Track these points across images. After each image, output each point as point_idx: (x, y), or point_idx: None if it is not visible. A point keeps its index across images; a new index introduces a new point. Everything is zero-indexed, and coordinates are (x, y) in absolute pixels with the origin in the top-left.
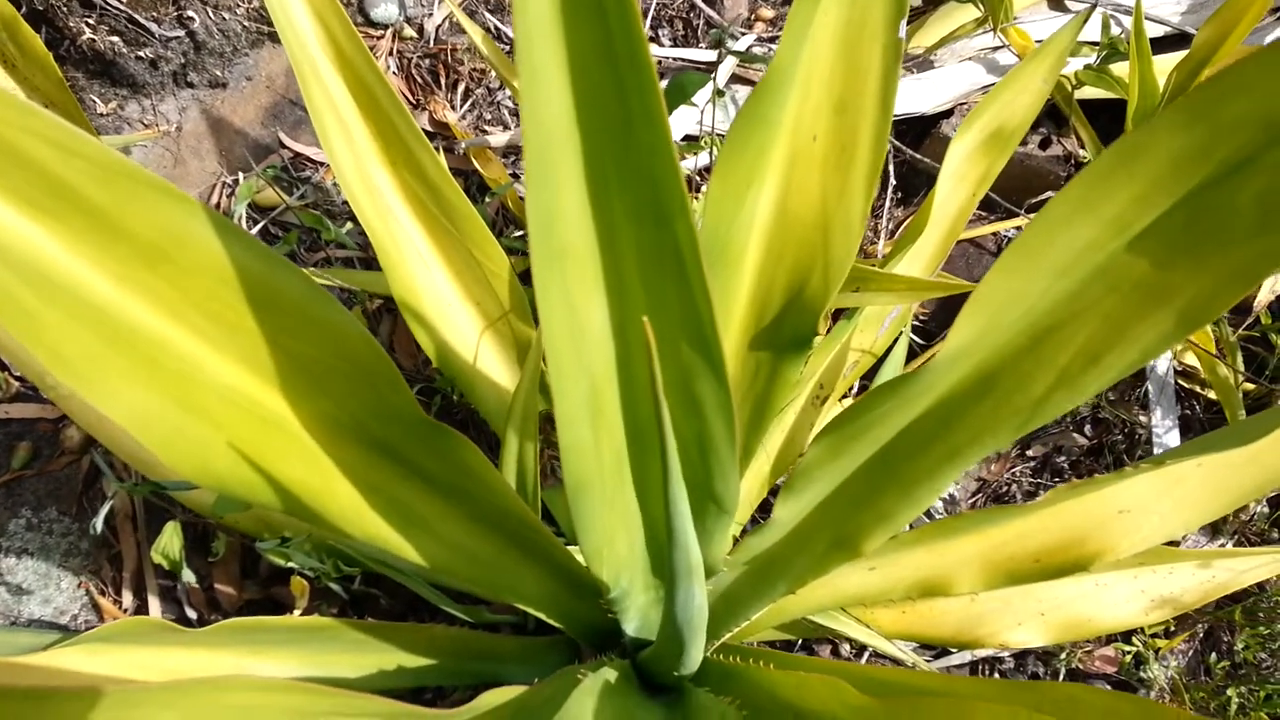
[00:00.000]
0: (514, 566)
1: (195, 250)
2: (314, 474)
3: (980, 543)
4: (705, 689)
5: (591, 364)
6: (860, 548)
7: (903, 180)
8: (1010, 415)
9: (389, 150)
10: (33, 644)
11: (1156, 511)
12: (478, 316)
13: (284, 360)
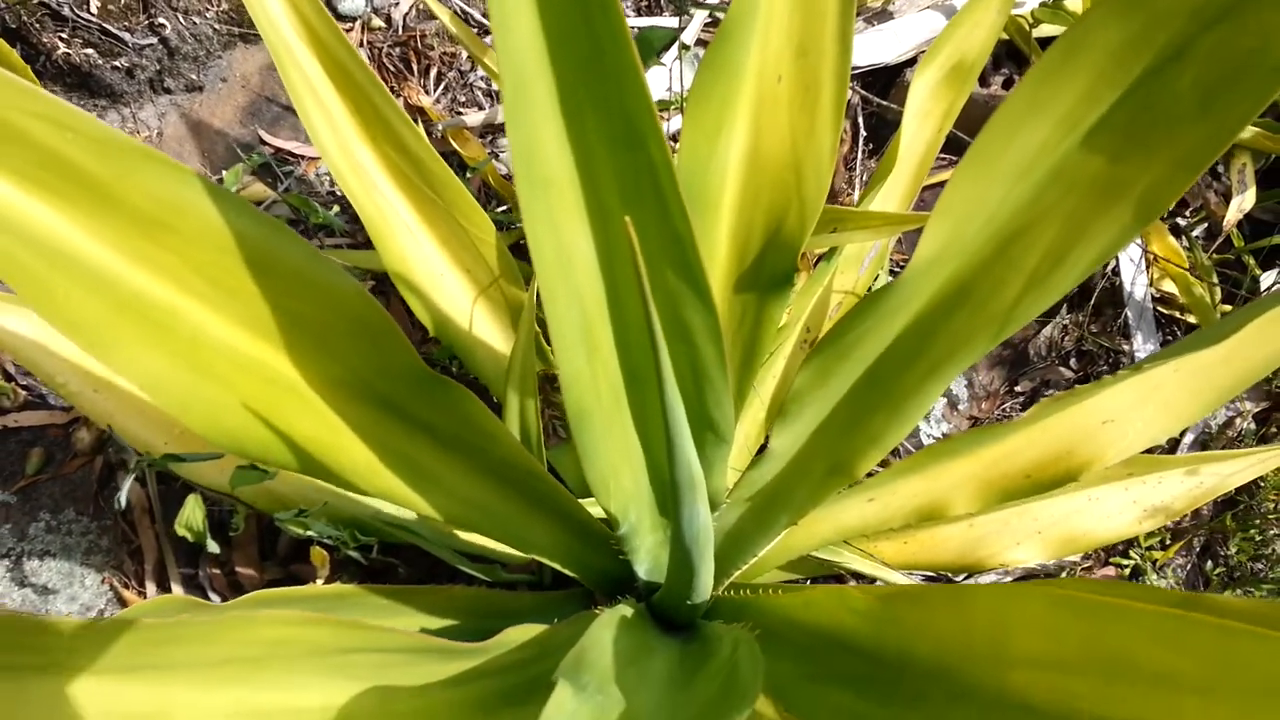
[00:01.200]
0: (524, 518)
1: (194, 219)
2: (324, 431)
3: (972, 464)
4: (717, 622)
5: (582, 295)
6: (855, 471)
7: (873, 132)
8: (986, 323)
9: (369, 127)
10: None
11: (1139, 418)
12: (469, 284)
13: (287, 322)
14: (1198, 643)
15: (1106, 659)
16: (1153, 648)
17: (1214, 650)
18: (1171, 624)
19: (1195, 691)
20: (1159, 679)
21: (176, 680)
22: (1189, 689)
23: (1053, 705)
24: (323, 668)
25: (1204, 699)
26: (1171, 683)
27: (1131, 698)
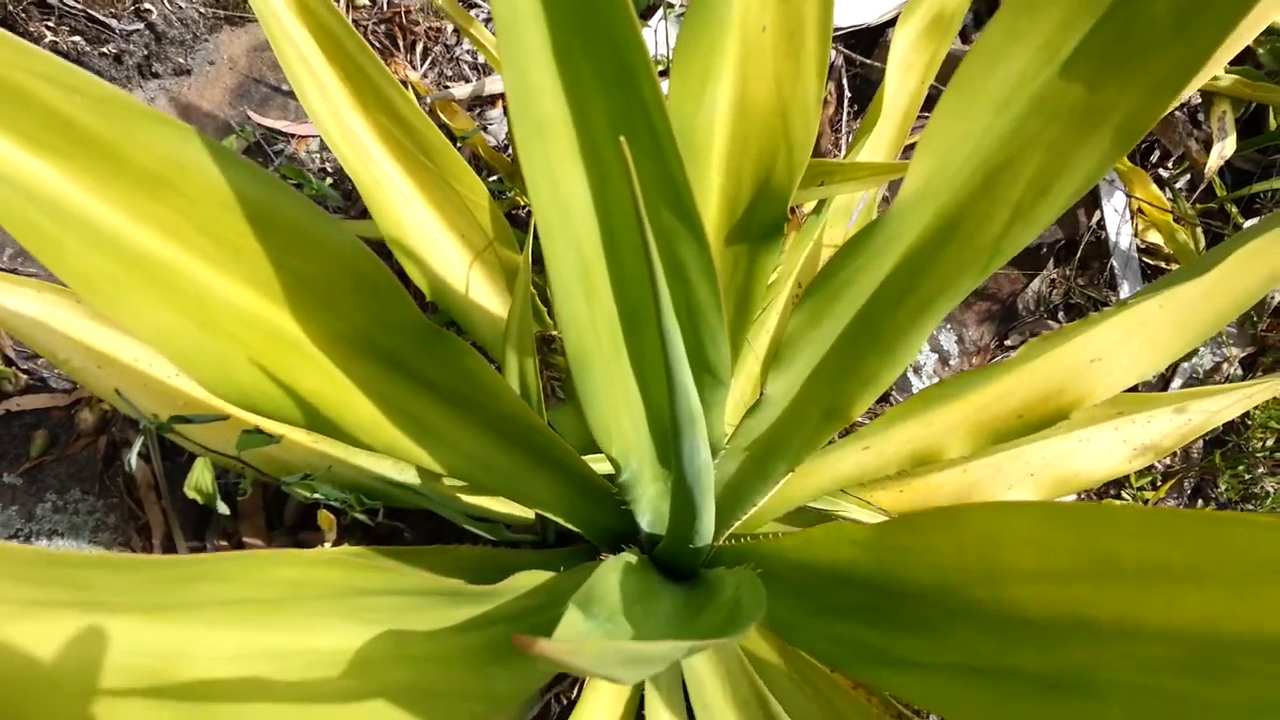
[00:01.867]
0: (527, 473)
1: (196, 177)
2: (329, 386)
3: (964, 408)
4: (719, 568)
5: (579, 238)
6: (850, 414)
7: (857, 93)
8: (974, 257)
9: (360, 95)
10: None
11: (1126, 354)
12: (464, 248)
13: (289, 279)
14: (1185, 534)
15: (1097, 562)
16: (1141, 544)
17: (1201, 539)
18: (1158, 520)
19: (1186, 581)
20: (1150, 573)
21: (194, 620)
22: (1180, 579)
23: (1049, 614)
24: (339, 610)
25: (1196, 587)
26: (1163, 575)
27: (1124, 595)
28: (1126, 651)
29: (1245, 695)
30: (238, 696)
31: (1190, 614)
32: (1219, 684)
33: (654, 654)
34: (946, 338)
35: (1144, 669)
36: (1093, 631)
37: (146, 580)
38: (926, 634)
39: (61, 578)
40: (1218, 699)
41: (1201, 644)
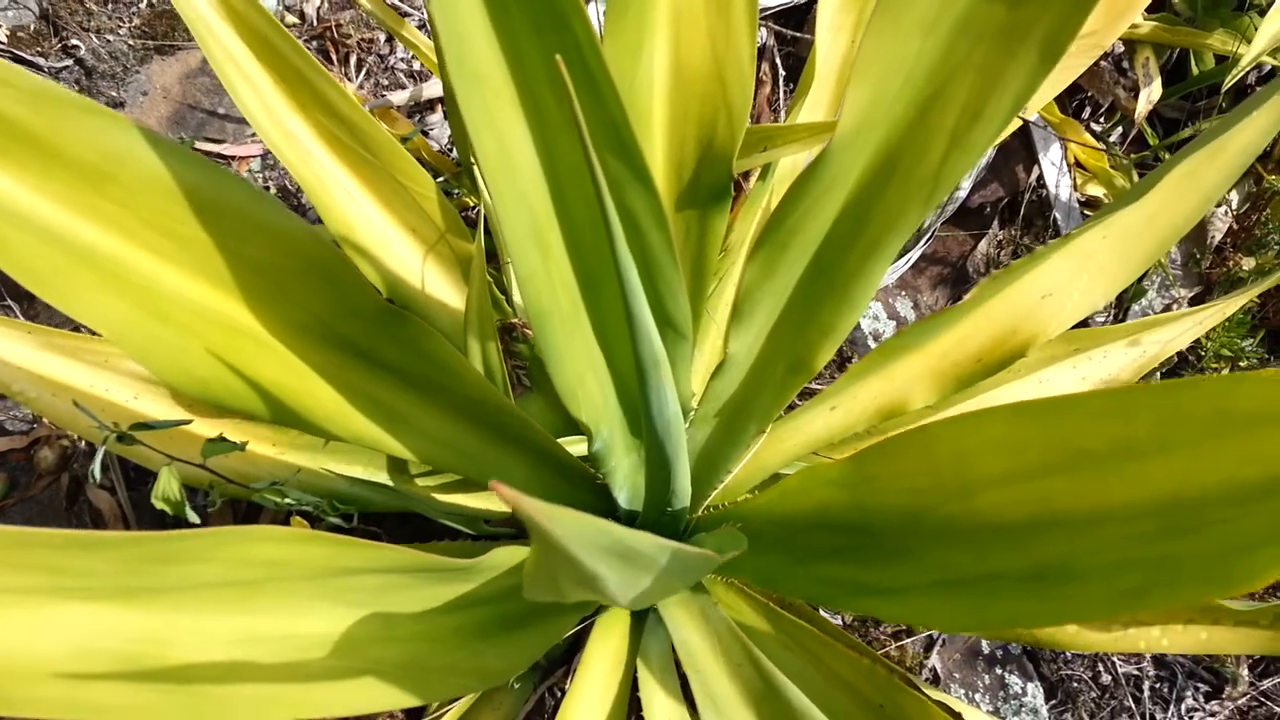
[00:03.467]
0: (499, 455)
1: (136, 168)
2: (290, 376)
3: (925, 357)
4: (700, 534)
5: (528, 195)
6: (814, 365)
7: (791, 72)
8: (916, 190)
9: (297, 95)
10: None
11: (1075, 288)
12: (416, 243)
13: (240, 268)
14: (1145, 407)
15: (1066, 453)
16: (1106, 426)
17: (1160, 409)
18: (1118, 398)
19: (1152, 453)
20: (1117, 453)
21: (174, 605)
22: (1146, 452)
23: (1023, 516)
24: (322, 592)
25: (1161, 457)
26: (1129, 453)
27: (1095, 480)
28: (1101, 535)
29: (1215, 543)
30: (225, 679)
31: (1159, 485)
32: (1190, 539)
33: (638, 545)
34: (902, 304)
35: (1119, 546)
36: (1067, 524)
37: (121, 561)
38: (905, 561)
39: (34, 561)
40: (1190, 551)
41: (1171, 510)
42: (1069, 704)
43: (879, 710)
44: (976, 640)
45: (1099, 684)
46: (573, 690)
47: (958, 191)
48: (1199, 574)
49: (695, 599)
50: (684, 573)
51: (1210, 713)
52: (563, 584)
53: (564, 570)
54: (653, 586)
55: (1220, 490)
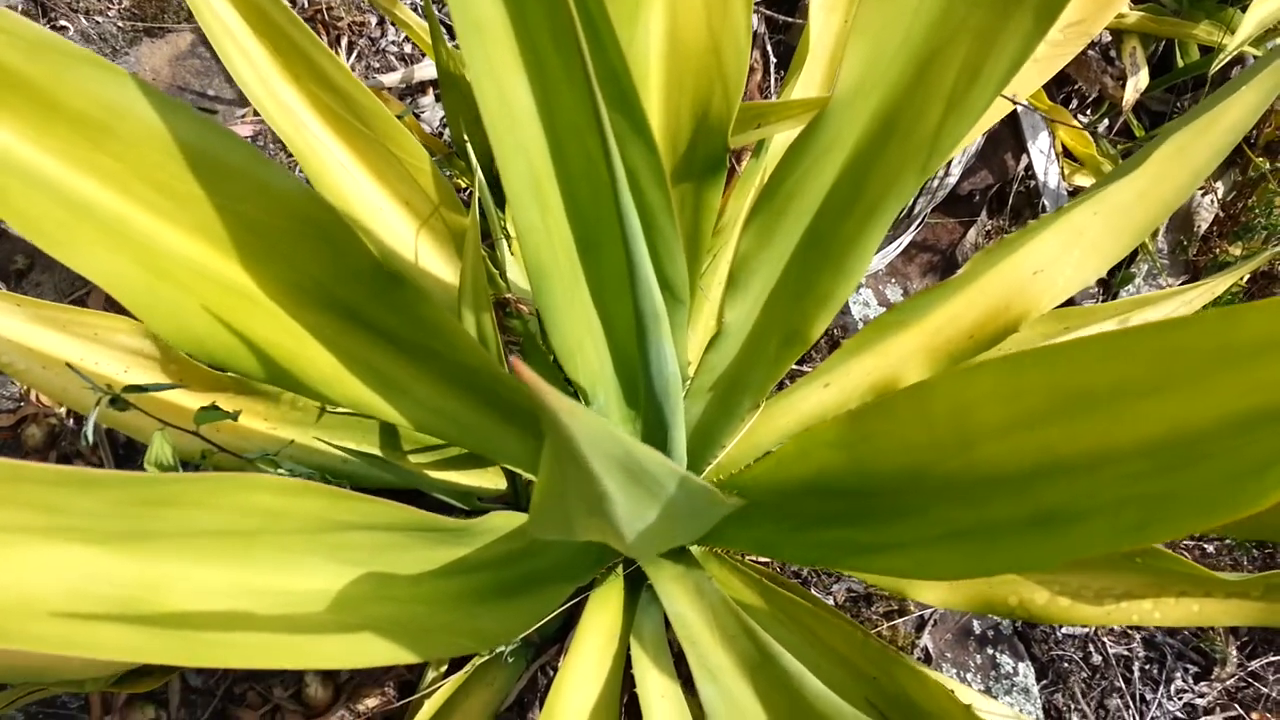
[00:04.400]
0: (494, 427)
1: (134, 122)
2: (287, 337)
3: (918, 334)
4: None
5: (527, 146)
6: (809, 335)
7: (782, 59)
8: (913, 153)
9: (291, 66)
10: None
11: (1067, 264)
12: (410, 216)
13: (238, 227)
14: (1145, 348)
15: (1065, 399)
16: (1105, 369)
17: (1161, 348)
18: (1117, 340)
19: (1150, 393)
20: (1117, 395)
21: (169, 553)
22: (1144, 392)
23: (1023, 465)
24: (317, 547)
25: (1160, 395)
26: (1129, 393)
27: (1095, 423)
28: (1101, 477)
29: (1215, 473)
30: (223, 626)
31: (1158, 423)
32: (1189, 472)
33: (647, 461)
34: (892, 290)
35: (1119, 485)
36: (1067, 469)
37: (117, 502)
38: (905, 519)
39: (29, 497)
40: (1189, 484)
41: (1170, 447)
42: (1059, 684)
43: (873, 682)
44: (968, 620)
45: (1089, 664)
46: (566, 665)
47: (948, 177)
48: (1200, 505)
49: (689, 574)
50: (689, 513)
51: (1199, 693)
52: (571, 509)
53: (574, 487)
54: (658, 524)
55: (1222, 422)
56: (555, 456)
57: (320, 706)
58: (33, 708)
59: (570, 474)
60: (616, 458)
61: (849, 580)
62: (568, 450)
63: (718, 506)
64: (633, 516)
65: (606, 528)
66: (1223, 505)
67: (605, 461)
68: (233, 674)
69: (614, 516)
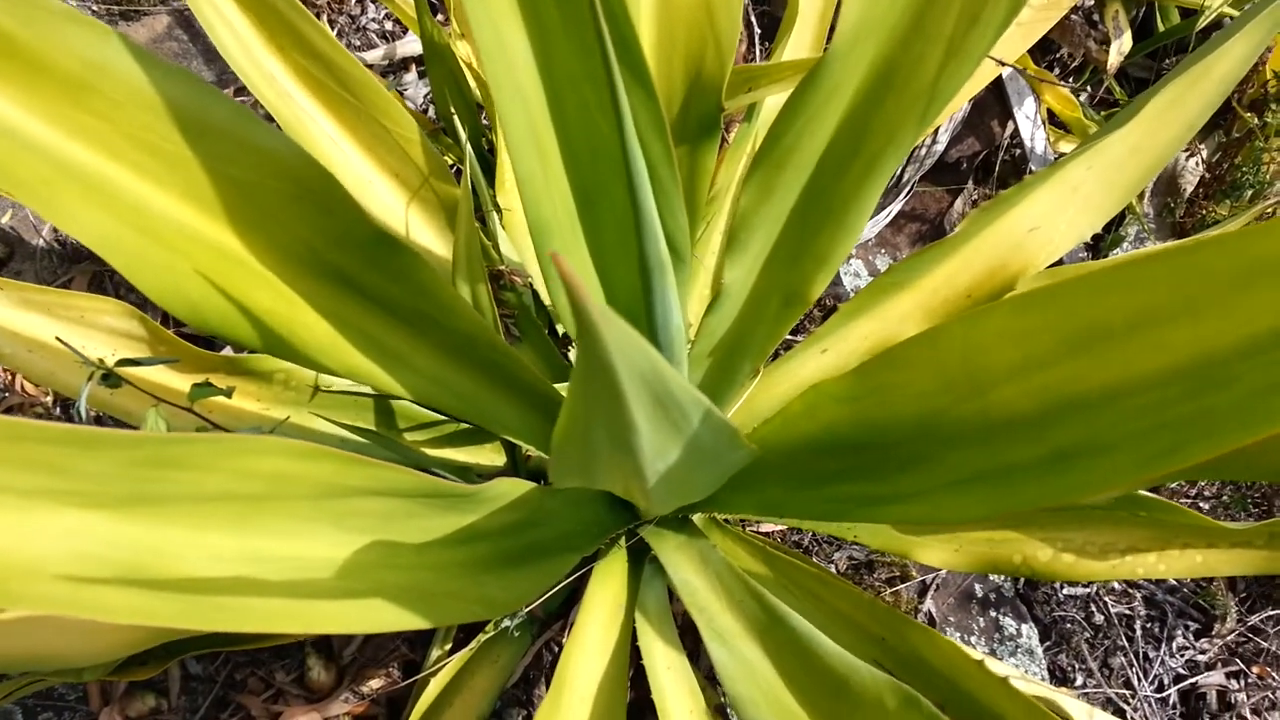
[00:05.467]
0: (493, 397)
1: (119, 80)
2: (282, 304)
3: (915, 295)
4: None
5: (525, 94)
6: (808, 296)
7: (767, 31)
8: (912, 103)
9: (275, 36)
10: None
11: (1062, 221)
12: (399, 188)
13: (228, 189)
14: (1164, 274)
15: (1081, 334)
16: (1122, 300)
17: (1181, 273)
18: (1134, 269)
19: (1174, 318)
20: (1136, 325)
21: (175, 518)
22: (1167, 318)
23: (1038, 406)
24: (325, 514)
25: (1185, 320)
26: (1150, 322)
27: (1114, 356)
28: (1124, 408)
29: (1243, 392)
30: (231, 591)
31: (1182, 349)
32: (1218, 394)
33: (675, 387)
34: (882, 261)
35: (1144, 414)
36: (1086, 404)
37: (122, 463)
38: (917, 469)
39: (31, 457)
40: (1219, 405)
41: (1196, 371)
42: (1063, 644)
43: (882, 643)
44: (970, 584)
45: (1092, 624)
46: (573, 638)
47: (935, 145)
48: (1236, 421)
49: (693, 543)
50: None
51: (1200, 649)
52: (595, 444)
53: (601, 412)
54: (678, 466)
55: (1245, 344)
56: (586, 372)
57: (323, 689)
58: (30, 701)
59: (599, 395)
60: (646, 377)
61: (850, 548)
62: (599, 364)
63: (736, 450)
64: (656, 453)
65: (629, 467)
66: (1260, 419)
67: (635, 382)
68: (233, 660)
69: (638, 451)
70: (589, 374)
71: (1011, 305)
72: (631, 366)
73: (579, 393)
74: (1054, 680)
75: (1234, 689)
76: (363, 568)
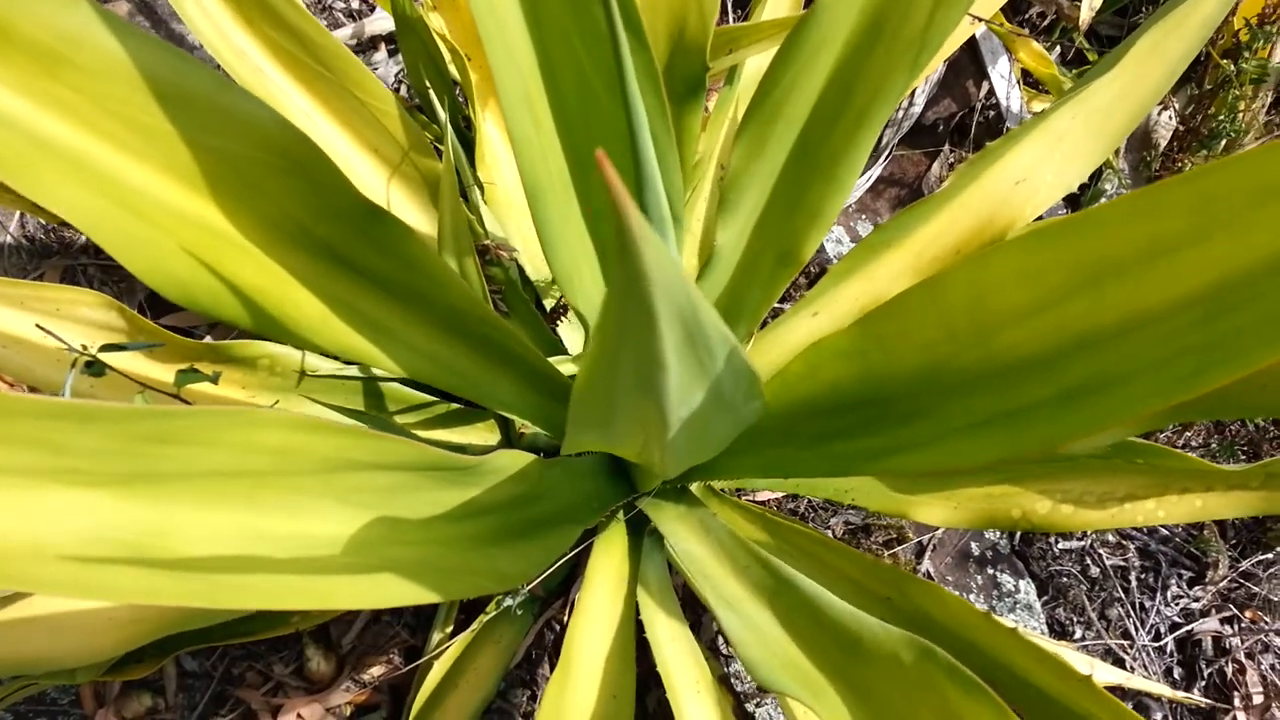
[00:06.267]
0: (488, 374)
1: (94, 50)
2: (270, 281)
3: (904, 254)
4: None
5: (516, 54)
6: (801, 255)
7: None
8: (902, 52)
9: (243, 9)
10: None
11: (1048, 171)
12: (379, 163)
13: (211, 162)
14: (1175, 201)
15: (1090, 269)
16: (1131, 231)
17: (1193, 199)
18: (1143, 198)
19: (1187, 245)
20: (1147, 255)
21: (177, 496)
22: (1180, 245)
23: (1047, 346)
24: (329, 489)
25: (1199, 245)
26: (1161, 251)
27: (1126, 289)
28: (1141, 338)
29: (1268, 309)
30: (237, 569)
31: (1199, 275)
32: (1240, 314)
33: (705, 318)
34: (863, 227)
35: (1164, 342)
36: (1099, 340)
37: (120, 438)
38: (924, 419)
39: (29, 434)
40: (1242, 325)
41: (1215, 295)
42: (1060, 598)
43: (887, 602)
44: (966, 543)
45: (1088, 576)
46: (579, 612)
47: (913, 107)
48: (1262, 338)
49: (692, 512)
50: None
51: (1194, 597)
52: (620, 382)
53: (631, 342)
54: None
55: (1264, 263)
56: (621, 298)
57: (324, 680)
58: (22, 706)
59: (632, 324)
60: (679, 305)
61: (846, 513)
62: (636, 289)
63: (752, 400)
64: (681, 398)
65: (652, 415)
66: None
67: (669, 310)
68: (230, 654)
69: (665, 393)
70: (625, 299)
71: (1018, 246)
72: (668, 292)
73: (611, 323)
74: (1053, 634)
75: (1228, 634)
76: (370, 544)
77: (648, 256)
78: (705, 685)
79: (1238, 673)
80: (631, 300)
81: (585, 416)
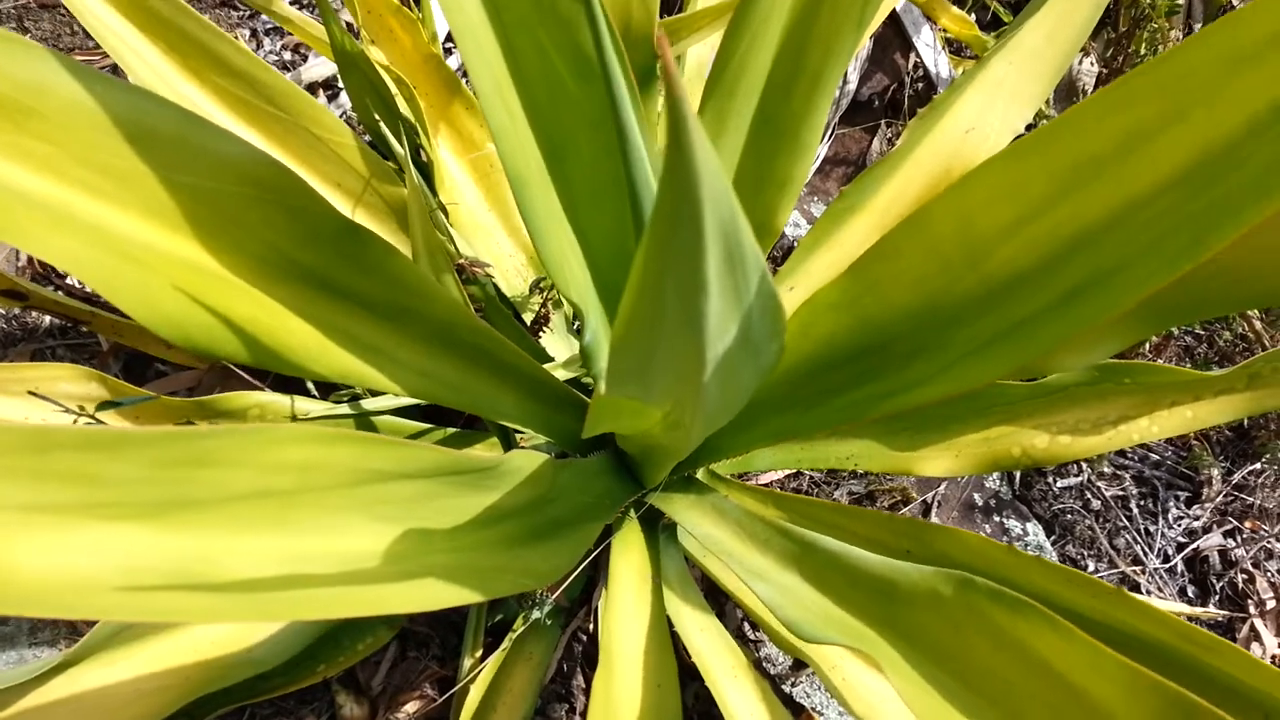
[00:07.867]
0: (486, 386)
1: (58, 99)
2: (263, 314)
3: (869, 217)
4: None
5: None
6: (775, 225)
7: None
8: (848, 10)
9: (188, 60)
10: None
11: (994, 116)
12: (342, 196)
13: (188, 200)
14: (1145, 88)
15: (1071, 172)
16: (1106, 126)
17: (1162, 82)
18: (1112, 92)
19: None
20: (1125, 146)
21: (212, 522)
22: (1159, 128)
23: (1042, 254)
24: (356, 503)
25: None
26: (1139, 138)
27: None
28: (1131, 226)
29: (1257, 168)
30: (283, 587)
31: (1181, 153)
32: (1229, 178)
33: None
34: (816, 208)
35: (1154, 226)
36: (1090, 237)
37: (149, 465)
38: (928, 354)
39: (58, 468)
40: (1233, 188)
41: (1201, 169)
42: (1068, 535)
43: (908, 555)
44: (969, 495)
45: (1090, 510)
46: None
47: (848, 85)
48: (1255, 195)
49: (704, 499)
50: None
51: (1194, 516)
52: (663, 314)
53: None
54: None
55: (1253, 121)
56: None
57: None
58: None
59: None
60: (723, 217)
61: (848, 483)
62: (687, 191)
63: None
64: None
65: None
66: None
67: (714, 217)
68: (258, 714)
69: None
70: (676, 205)
71: (996, 163)
72: (715, 200)
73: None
74: None
75: (1232, 547)
76: (405, 556)
77: (700, 162)
78: (741, 669)
79: (1248, 582)
80: (683, 205)
81: (624, 366)
